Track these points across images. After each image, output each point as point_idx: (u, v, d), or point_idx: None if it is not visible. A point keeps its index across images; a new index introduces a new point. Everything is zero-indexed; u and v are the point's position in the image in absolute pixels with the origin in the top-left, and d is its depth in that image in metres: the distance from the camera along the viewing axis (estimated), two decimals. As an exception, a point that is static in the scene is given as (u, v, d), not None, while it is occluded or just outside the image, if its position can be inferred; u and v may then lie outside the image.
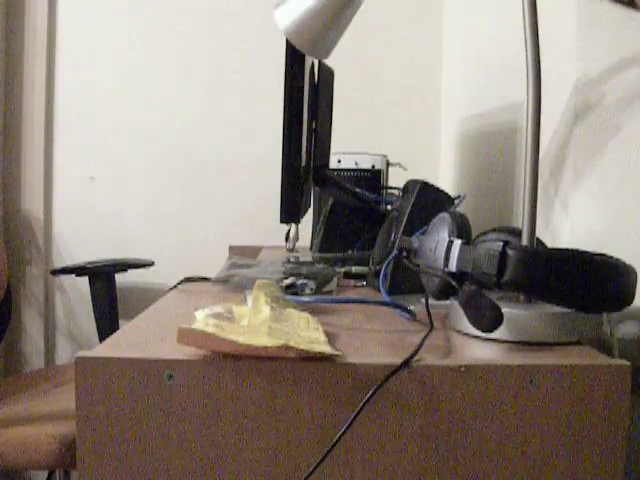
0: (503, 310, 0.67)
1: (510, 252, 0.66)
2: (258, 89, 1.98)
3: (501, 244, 0.66)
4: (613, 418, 0.60)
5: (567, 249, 0.69)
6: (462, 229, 0.74)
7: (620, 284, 0.67)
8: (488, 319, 0.64)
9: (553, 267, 0.65)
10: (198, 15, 1.97)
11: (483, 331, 0.65)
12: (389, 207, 1.46)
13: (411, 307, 0.81)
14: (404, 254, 0.85)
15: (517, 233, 0.78)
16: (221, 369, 0.59)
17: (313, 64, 1.20)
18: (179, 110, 1.99)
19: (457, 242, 0.72)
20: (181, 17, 1.97)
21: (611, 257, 0.69)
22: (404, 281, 0.92)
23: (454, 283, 0.71)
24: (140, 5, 1.96)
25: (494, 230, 0.81)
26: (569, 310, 0.68)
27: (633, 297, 0.69)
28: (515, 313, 0.68)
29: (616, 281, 0.67)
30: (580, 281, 0.66)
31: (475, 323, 0.65)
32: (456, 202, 1.03)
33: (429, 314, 0.73)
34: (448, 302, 0.76)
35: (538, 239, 0.77)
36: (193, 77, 1.98)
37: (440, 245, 0.75)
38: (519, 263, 0.65)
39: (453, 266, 0.72)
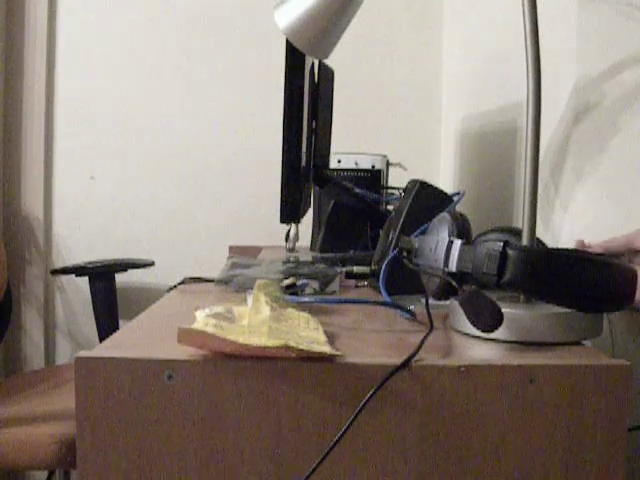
0: (503, 310, 0.67)
1: (510, 252, 0.66)
2: (258, 89, 1.98)
3: (501, 244, 0.66)
4: (613, 418, 0.60)
5: (567, 249, 0.69)
6: (462, 229, 0.74)
7: (619, 284, 0.67)
8: (488, 319, 0.64)
9: (553, 267, 0.65)
10: (198, 15, 1.97)
11: (483, 331, 0.65)
12: (390, 207, 1.46)
13: (411, 307, 0.81)
14: (404, 254, 0.85)
15: (517, 233, 0.78)
16: (221, 369, 0.59)
17: (313, 64, 1.20)
18: (179, 110, 1.99)
19: (457, 242, 0.72)
20: (181, 17, 1.97)
21: (610, 256, 0.70)
22: (404, 281, 0.92)
23: (454, 283, 0.71)
24: (140, 5, 1.96)
25: (494, 230, 0.81)
26: (569, 310, 0.68)
27: (633, 296, 0.69)
28: (515, 313, 0.68)
29: (615, 281, 0.67)
30: (580, 281, 0.66)
31: (475, 323, 0.65)
32: (455, 199, 1.03)
33: (429, 314, 0.73)
34: (448, 302, 0.76)
35: (538, 239, 0.77)
36: (193, 77, 1.98)
37: (440, 245, 0.74)
38: (519, 263, 0.65)
39: (453, 266, 0.72)
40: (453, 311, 0.75)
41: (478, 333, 0.69)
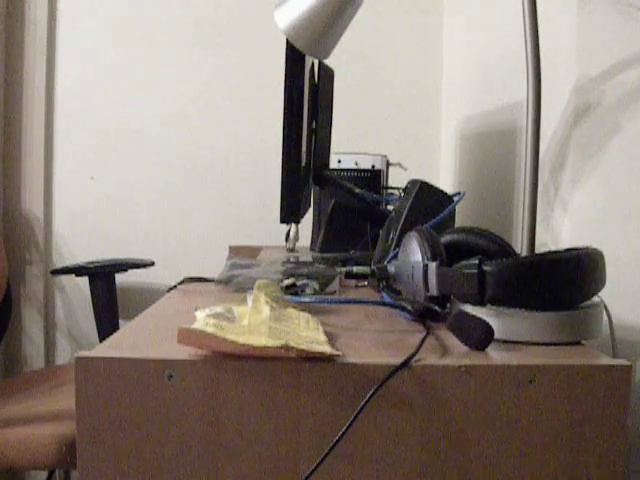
0: (503, 309, 0.67)
1: (487, 269, 0.66)
2: (258, 89, 1.98)
3: (476, 262, 0.67)
4: (613, 418, 0.60)
5: (539, 254, 0.70)
6: (434, 249, 0.74)
7: (594, 272, 0.69)
8: (479, 337, 0.64)
9: (530, 274, 0.66)
10: (198, 16, 1.97)
11: (476, 349, 0.65)
12: (390, 207, 1.46)
13: (411, 307, 0.80)
14: (383, 283, 0.85)
15: (476, 233, 0.79)
16: (221, 369, 0.59)
17: (313, 64, 1.20)
18: (179, 110, 1.99)
19: (432, 265, 0.72)
20: (181, 18, 1.97)
21: (579, 249, 0.71)
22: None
23: (438, 309, 0.72)
24: (141, 6, 1.96)
25: (452, 232, 0.82)
26: (569, 310, 0.68)
27: (604, 280, 0.71)
28: (515, 313, 0.68)
29: (590, 271, 0.68)
30: (557, 281, 0.67)
31: (467, 343, 0.65)
32: (455, 199, 1.03)
33: (429, 314, 0.73)
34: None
35: (507, 243, 0.78)
36: (192, 77, 1.98)
37: (416, 270, 0.74)
38: (497, 279, 0.66)
39: (434, 290, 0.72)
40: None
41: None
